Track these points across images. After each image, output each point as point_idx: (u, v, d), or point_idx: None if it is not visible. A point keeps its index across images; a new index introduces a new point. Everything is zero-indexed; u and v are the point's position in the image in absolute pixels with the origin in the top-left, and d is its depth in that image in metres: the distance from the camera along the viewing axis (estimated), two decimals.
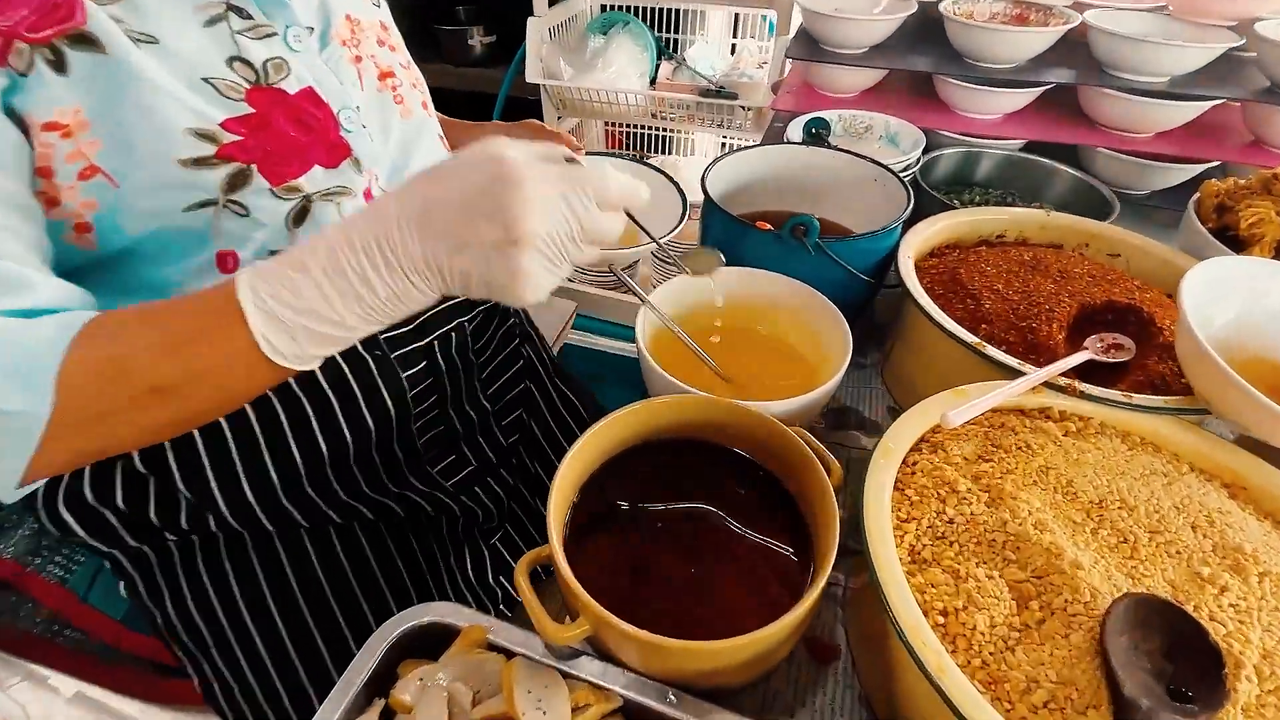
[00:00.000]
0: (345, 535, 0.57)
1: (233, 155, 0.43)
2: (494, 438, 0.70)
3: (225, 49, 0.44)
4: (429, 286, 0.36)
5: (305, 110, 0.47)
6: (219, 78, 0.43)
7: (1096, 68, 0.89)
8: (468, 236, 0.35)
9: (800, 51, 0.97)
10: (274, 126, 0.45)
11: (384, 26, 0.58)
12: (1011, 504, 0.42)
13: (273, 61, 0.46)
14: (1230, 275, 0.50)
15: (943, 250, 0.72)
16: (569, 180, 0.36)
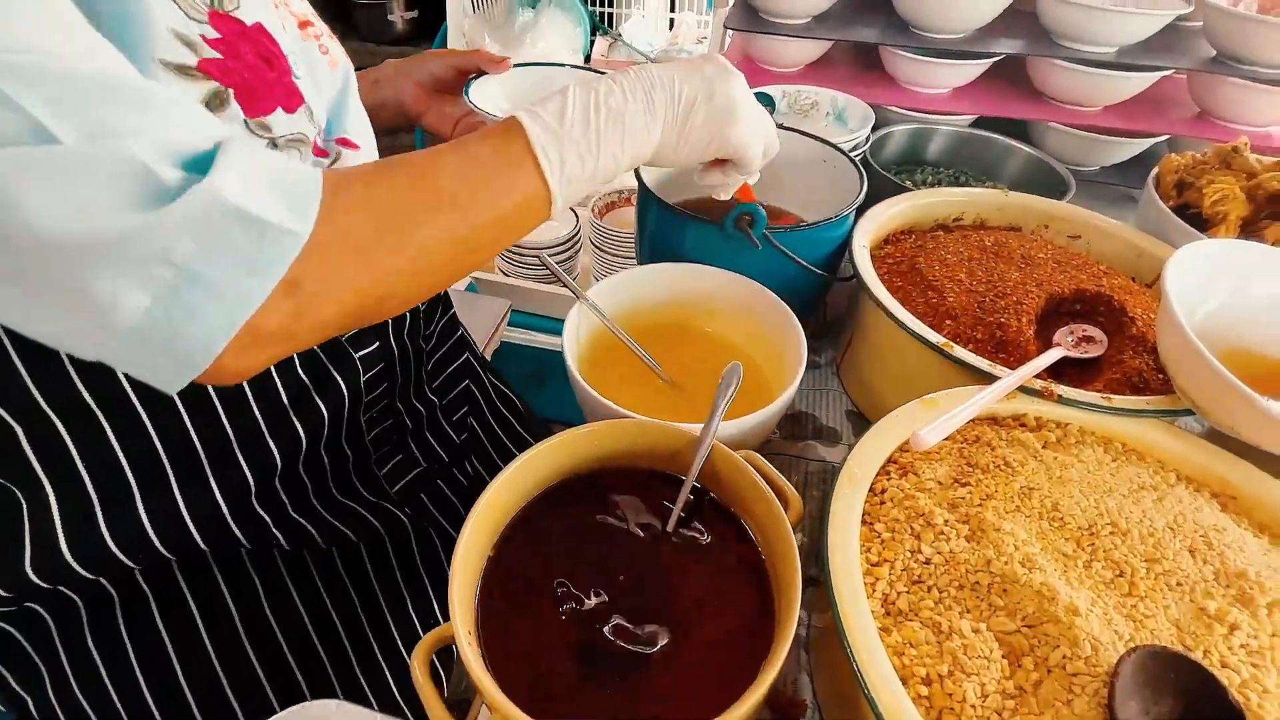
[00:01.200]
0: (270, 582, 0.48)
1: (211, 72, 0.38)
2: (444, 434, 0.64)
3: None
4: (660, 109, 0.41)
5: (265, 46, 0.42)
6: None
7: (1045, 38, 0.85)
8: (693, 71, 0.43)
9: (739, 22, 0.89)
10: (243, 55, 0.40)
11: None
12: (995, 537, 0.37)
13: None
14: (1212, 262, 0.46)
15: (898, 236, 0.67)
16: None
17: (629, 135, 0.40)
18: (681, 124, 0.42)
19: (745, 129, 0.44)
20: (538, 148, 0.37)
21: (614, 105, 0.40)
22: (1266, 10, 0.82)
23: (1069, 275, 0.56)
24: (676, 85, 0.42)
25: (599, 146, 0.39)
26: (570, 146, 0.38)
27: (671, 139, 0.43)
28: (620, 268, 1.21)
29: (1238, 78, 0.78)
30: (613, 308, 0.58)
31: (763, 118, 0.47)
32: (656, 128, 0.42)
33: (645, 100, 0.41)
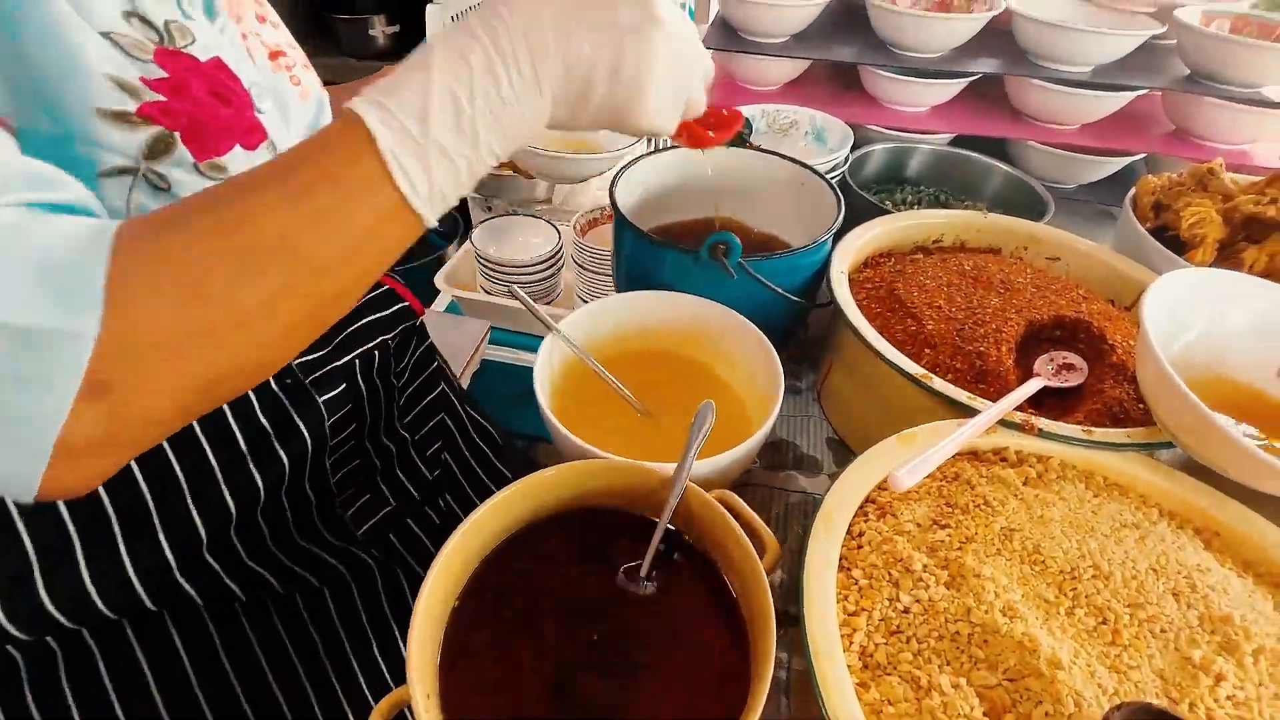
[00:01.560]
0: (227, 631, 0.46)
1: (153, 117, 0.35)
2: (415, 471, 0.61)
3: (119, 1, 0.35)
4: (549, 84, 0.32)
5: (221, 82, 0.40)
6: (120, 33, 0.34)
7: (1022, 57, 0.85)
8: (605, 14, 0.33)
9: (717, 41, 0.89)
10: (193, 93, 0.37)
11: (259, 3, 0.49)
12: (975, 584, 0.35)
13: (174, 25, 0.38)
14: (1189, 291, 0.45)
15: (877, 259, 0.66)
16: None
17: (510, 126, 0.32)
18: (573, 103, 0.34)
19: (653, 110, 0.35)
20: (393, 164, 0.29)
21: (491, 93, 0.31)
22: (1238, 30, 0.82)
23: (1048, 301, 0.56)
24: (572, 51, 0.32)
25: (475, 147, 0.31)
26: (438, 157, 0.30)
27: (561, 117, 0.34)
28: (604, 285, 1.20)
29: (1212, 97, 0.78)
30: (588, 336, 0.57)
31: (687, 69, 0.37)
32: (545, 109, 0.33)
33: (531, 76, 0.32)
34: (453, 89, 0.30)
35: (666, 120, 0.38)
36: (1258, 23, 0.82)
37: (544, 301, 1.25)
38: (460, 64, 0.30)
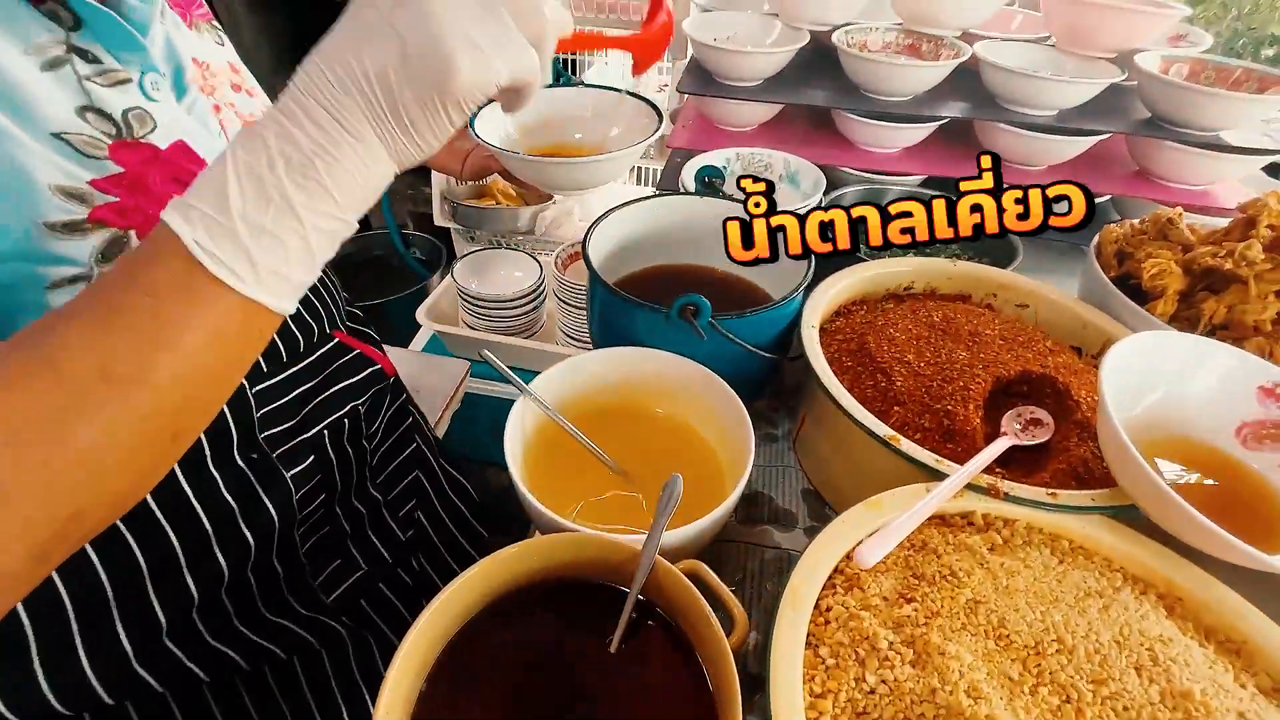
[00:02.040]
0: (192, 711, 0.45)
1: (106, 219, 0.35)
2: (388, 532, 0.60)
3: (73, 97, 0.35)
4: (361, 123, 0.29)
5: (182, 168, 0.39)
6: (73, 132, 0.34)
7: (990, 101, 0.87)
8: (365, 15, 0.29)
9: (691, 85, 0.90)
10: (151, 187, 0.37)
11: (234, 68, 0.49)
12: (940, 662, 0.35)
13: (134, 112, 0.38)
14: (1148, 355, 0.46)
15: (849, 308, 0.67)
16: None
17: (338, 179, 0.29)
18: (392, 116, 0.29)
19: (469, 64, 0.29)
20: (202, 255, 0.27)
21: (292, 152, 0.28)
22: (1196, 75, 0.85)
23: (1015, 355, 0.56)
24: (356, 69, 0.28)
25: (294, 215, 0.28)
26: (253, 234, 0.28)
27: (396, 140, 0.30)
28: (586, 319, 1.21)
29: (1171, 141, 0.80)
30: (562, 394, 0.57)
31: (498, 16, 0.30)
32: (374, 146, 0.30)
33: (329, 120, 0.29)
34: (249, 163, 0.28)
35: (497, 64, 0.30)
36: (1215, 68, 0.85)
37: (526, 335, 1.26)
38: (252, 140, 0.29)
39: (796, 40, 0.88)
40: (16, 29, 0.33)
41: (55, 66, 0.35)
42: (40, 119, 0.33)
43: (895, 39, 0.92)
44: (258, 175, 0.28)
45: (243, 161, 0.28)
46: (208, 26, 0.48)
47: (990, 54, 0.84)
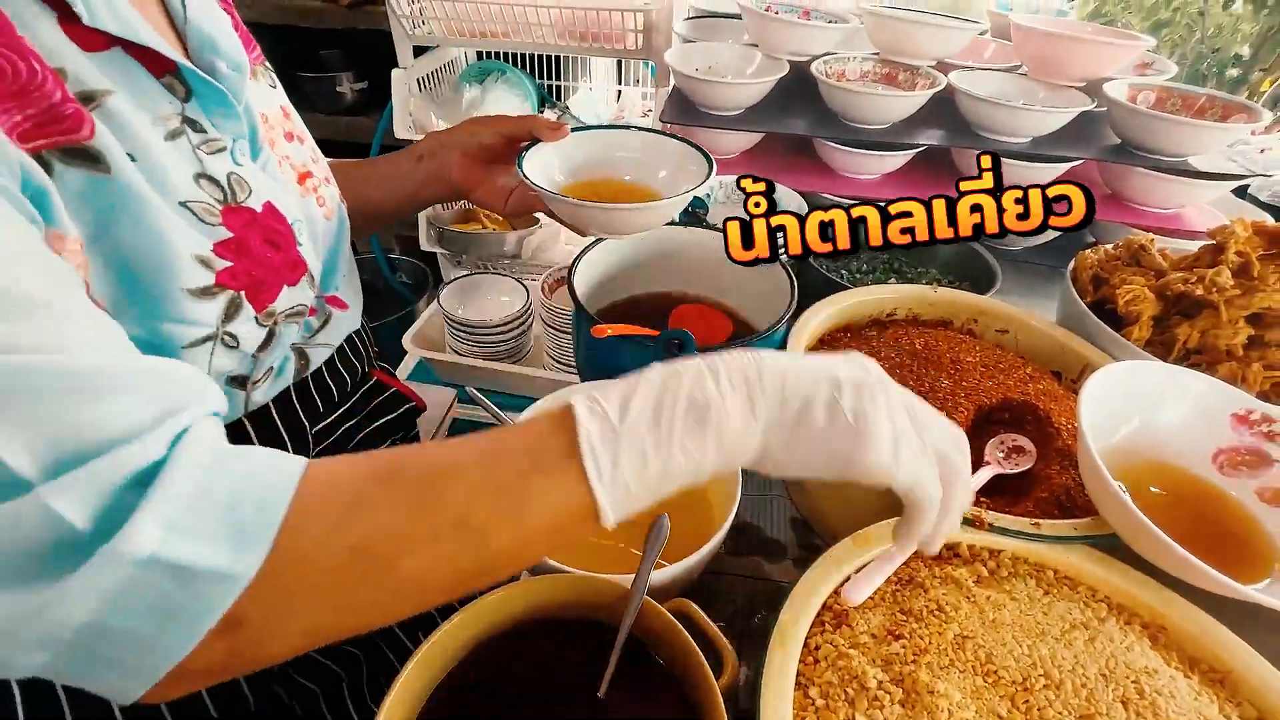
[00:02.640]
0: None
1: (226, 283, 0.38)
2: None
3: (190, 165, 0.38)
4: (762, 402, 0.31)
5: (271, 228, 0.42)
6: (194, 200, 0.37)
7: (965, 128, 0.89)
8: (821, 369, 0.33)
9: (673, 114, 0.91)
10: (252, 250, 0.40)
11: (285, 113, 0.51)
12: (929, 701, 0.35)
13: (233, 177, 0.40)
14: (1124, 384, 0.47)
15: (834, 336, 0.67)
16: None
17: (716, 434, 0.30)
18: (789, 432, 0.32)
19: (883, 454, 0.32)
20: (585, 448, 0.29)
21: (698, 396, 0.30)
22: (1163, 102, 0.87)
23: (996, 382, 0.57)
24: (790, 382, 0.32)
25: (669, 444, 0.30)
26: (630, 445, 0.29)
27: (777, 447, 0.32)
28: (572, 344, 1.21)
29: (1141, 166, 0.83)
30: None
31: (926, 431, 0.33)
32: (757, 430, 0.31)
33: (744, 394, 0.31)
34: (658, 389, 0.31)
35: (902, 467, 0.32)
36: (1181, 95, 0.88)
37: (513, 360, 1.25)
38: (672, 374, 0.31)
39: (776, 71, 0.89)
40: (145, 100, 0.36)
41: (175, 137, 0.37)
42: (171, 188, 0.36)
43: (873, 68, 0.95)
44: (659, 401, 0.30)
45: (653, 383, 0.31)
46: (262, 70, 0.50)
47: (965, 83, 0.86)
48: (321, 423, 0.52)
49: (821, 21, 0.96)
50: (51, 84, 0.30)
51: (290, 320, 0.45)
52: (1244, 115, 0.81)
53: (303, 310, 0.46)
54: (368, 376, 0.58)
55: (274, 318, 0.43)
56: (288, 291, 0.43)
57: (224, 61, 0.40)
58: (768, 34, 0.93)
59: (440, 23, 1.31)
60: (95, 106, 0.32)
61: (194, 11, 0.40)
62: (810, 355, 0.34)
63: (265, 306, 0.41)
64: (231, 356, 0.41)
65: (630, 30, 1.21)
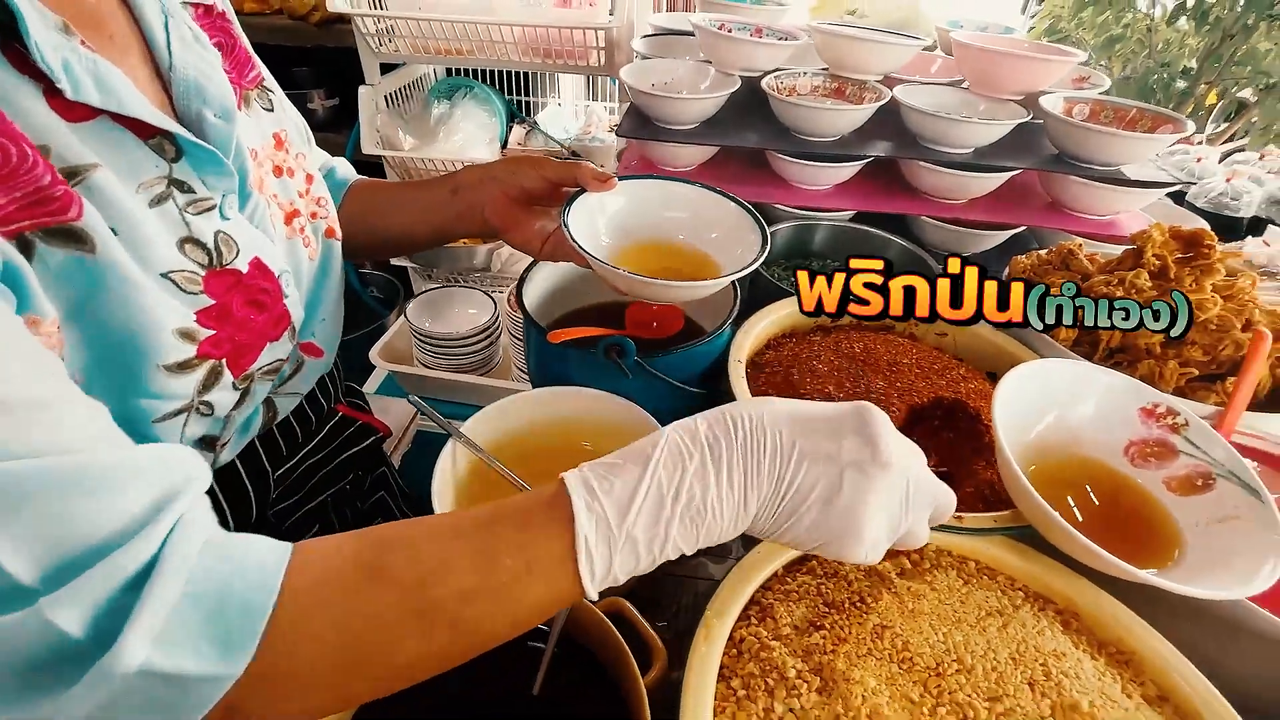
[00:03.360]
0: None
1: (208, 353, 0.37)
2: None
3: (175, 231, 0.37)
4: (755, 500, 0.31)
5: (257, 288, 0.41)
6: (176, 270, 0.36)
7: (912, 140, 0.92)
8: (827, 445, 0.32)
9: (630, 129, 0.93)
10: (235, 314, 0.39)
11: (279, 140, 0.48)
12: (845, 689, 0.37)
13: (220, 237, 0.39)
14: (1037, 382, 0.49)
15: (780, 341, 0.69)
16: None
17: (705, 531, 0.31)
18: (780, 521, 0.32)
19: (868, 544, 0.32)
20: (582, 555, 0.29)
21: (697, 496, 0.30)
22: (1096, 114, 0.91)
23: (930, 382, 0.59)
24: (790, 473, 0.31)
25: (663, 543, 0.30)
26: (626, 548, 0.30)
27: (763, 528, 0.33)
28: None
29: (1076, 175, 0.86)
30: (496, 435, 0.58)
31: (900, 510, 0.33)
32: (746, 521, 0.32)
33: (740, 493, 0.31)
34: (661, 489, 0.30)
35: (879, 553, 0.34)
36: (1114, 108, 0.92)
37: (481, 371, 1.26)
38: (675, 465, 0.31)
39: (728, 86, 0.92)
40: (129, 166, 0.34)
41: (161, 201, 0.36)
42: (153, 260, 0.34)
43: (823, 83, 0.98)
44: (662, 501, 0.30)
45: (658, 481, 0.30)
46: (257, 93, 0.47)
47: (908, 97, 0.89)
48: (284, 465, 0.51)
49: (773, 39, 0.99)
50: (42, 167, 0.29)
51: (266, 377, 0.44)
52: (1170, 126, 0.84)
53: (280, 365, 0.45)
54: (334, 413, 0.57)
55: (250, 378, 0.42)
56: (269, 349, 0.43)
57: (211, 109, 0.39)
58: (720, 51, 0.96)
59: (407, 41, 1.33)
60: (79, 181, 0.31)
61: (180, 58, 0.39)
62: (821, 415, 0.33)
63: (245, 369, 0.40)
64: (204, 423, 0.40)
65: (593, 48, 1.24)
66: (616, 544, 0.29)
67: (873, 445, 0.32)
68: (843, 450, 0.32)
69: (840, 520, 0.32)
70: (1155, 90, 2.18)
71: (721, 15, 1.05)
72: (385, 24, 1.28)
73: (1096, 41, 2.23)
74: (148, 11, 0.38)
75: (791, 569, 0.45)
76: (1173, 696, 0.39)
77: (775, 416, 0.32)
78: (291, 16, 1.62)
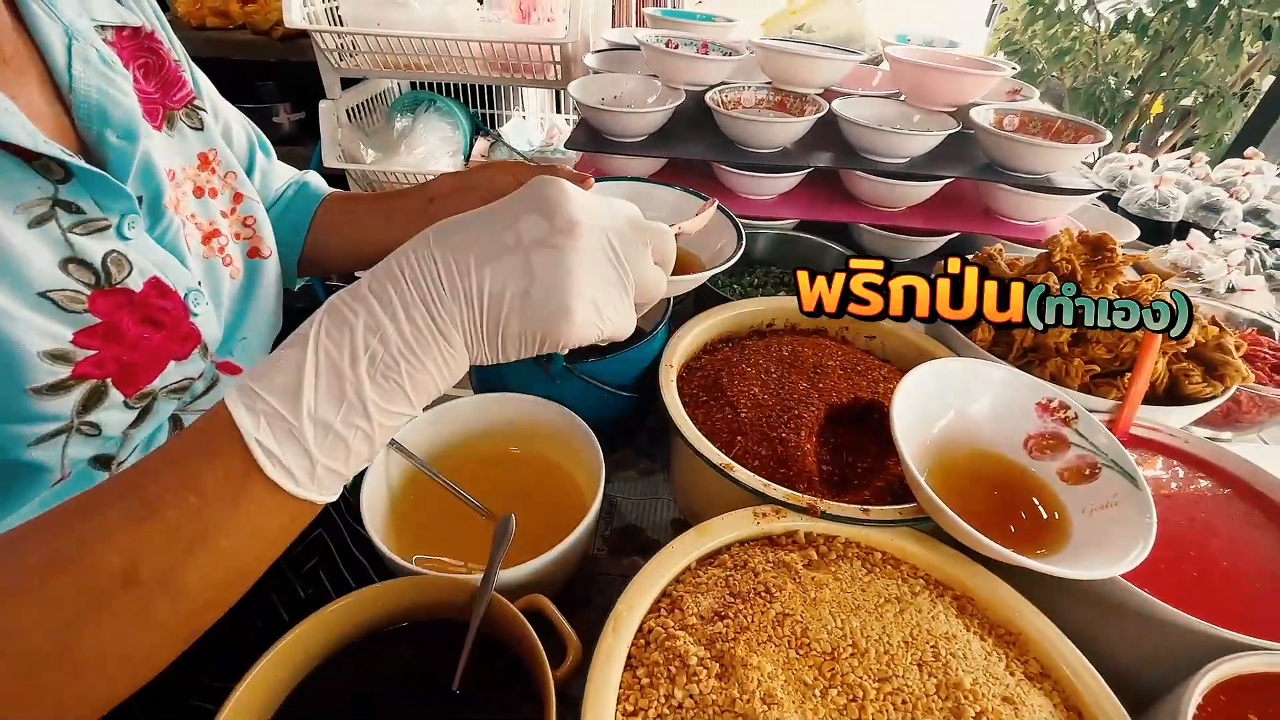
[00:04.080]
0: None
1: (87, 373, 0.36)
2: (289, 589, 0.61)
3: (57, 251, 0.36)
4: (454, 328, 0.29)
5: (154, 306, 0.41)
6: (56, 289, 0.35)
7: (851, 150, 0.96)
8: (504, 236, 0.29)
9: (581, 143, 0.96)
10: (125, 333, 0.38)
11: (203, 160, 0.48)
12: (742, 674, 0.39)
13: (111, 257, 0.39)
14: (939, 379, 0.52)
15: (715, 345, 0.72)
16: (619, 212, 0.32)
17: (410, 382, 0.28)
18: (491, 338, 0.30)
19: (580, 323, 0.30)
20: (264, 460, 0.26)
21: (379, 352, 0.27)
22: (1026, 125, 0.96)
23: (851, 383, 0.62)
24: (475, 284, 0.29)
25: (364, 413, 0.27)
26: (319, 434, 0.27)
27: (481, 350, 0.30)
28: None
29: (1005, 184, 0.90)
30: (432, 443, 0.59)
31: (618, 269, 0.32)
32: (459, 353, 0.29)
33: (428, 325, 0.28)
34: (330, 356, 0.27)
35: (606, 324, 0.32)
36: (1041, 119, 0.96)
37: None
38: (339, 328, 0.27)
39: (674, 100, 0.95)
40: (9, 188, 0.34)
41: (41, 223, 0.35)
42: (26, 280, 0.34)
43: (766, 96, 1.01)
44: (338, 370, 0.27)
45: (324, 352, 0.27)
46: (184, 113, 0.48)
47: (845, 110, 0.93)
48: None
49: (718, 54, 1.02)
50: None
51: (171, 395, 0.43)
52: (1091, 136, 0.89)
53: (189, 383, 0.44)
54: None
55: (150, 396, 0.41)
56: (175, 367, 0.42)
57: (114, 131, 0.39)
58: (665, 67, 0.99)
59: (367, 56, 1.35)
60: None
61: (81, 80, 0.38)
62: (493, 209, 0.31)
63: (140, 388, 0.40)
64: (91, 443, 0.39)
65: (550, 62, 1.27)
66: (303, 434, 0.26)
67: (550, 215, 0.30)
68: (521, 234, 0.29)
69: (544, 306, 0.29)
70: (1103, 100, 2.27)
71: (669, 31, 1.09)
72: (345, 40, 1.30)
73: (1048, 54, 2.31)
74: (49, 34, 0.38)
75: (704, 562, 0.47)
76: (1053, 673, 0.42)
77: (441, 235, 0.30)
78: (255, 31, 1.63)
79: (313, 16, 1.27)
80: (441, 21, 1.27)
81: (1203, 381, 0.61)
